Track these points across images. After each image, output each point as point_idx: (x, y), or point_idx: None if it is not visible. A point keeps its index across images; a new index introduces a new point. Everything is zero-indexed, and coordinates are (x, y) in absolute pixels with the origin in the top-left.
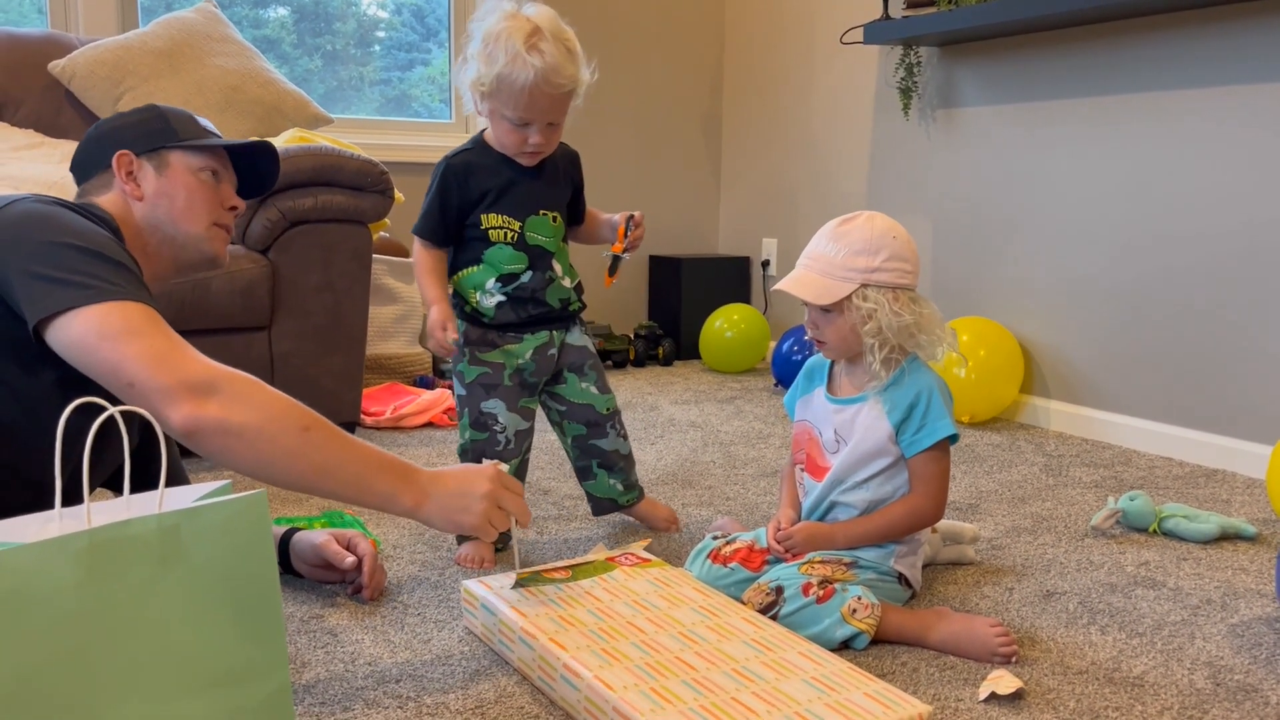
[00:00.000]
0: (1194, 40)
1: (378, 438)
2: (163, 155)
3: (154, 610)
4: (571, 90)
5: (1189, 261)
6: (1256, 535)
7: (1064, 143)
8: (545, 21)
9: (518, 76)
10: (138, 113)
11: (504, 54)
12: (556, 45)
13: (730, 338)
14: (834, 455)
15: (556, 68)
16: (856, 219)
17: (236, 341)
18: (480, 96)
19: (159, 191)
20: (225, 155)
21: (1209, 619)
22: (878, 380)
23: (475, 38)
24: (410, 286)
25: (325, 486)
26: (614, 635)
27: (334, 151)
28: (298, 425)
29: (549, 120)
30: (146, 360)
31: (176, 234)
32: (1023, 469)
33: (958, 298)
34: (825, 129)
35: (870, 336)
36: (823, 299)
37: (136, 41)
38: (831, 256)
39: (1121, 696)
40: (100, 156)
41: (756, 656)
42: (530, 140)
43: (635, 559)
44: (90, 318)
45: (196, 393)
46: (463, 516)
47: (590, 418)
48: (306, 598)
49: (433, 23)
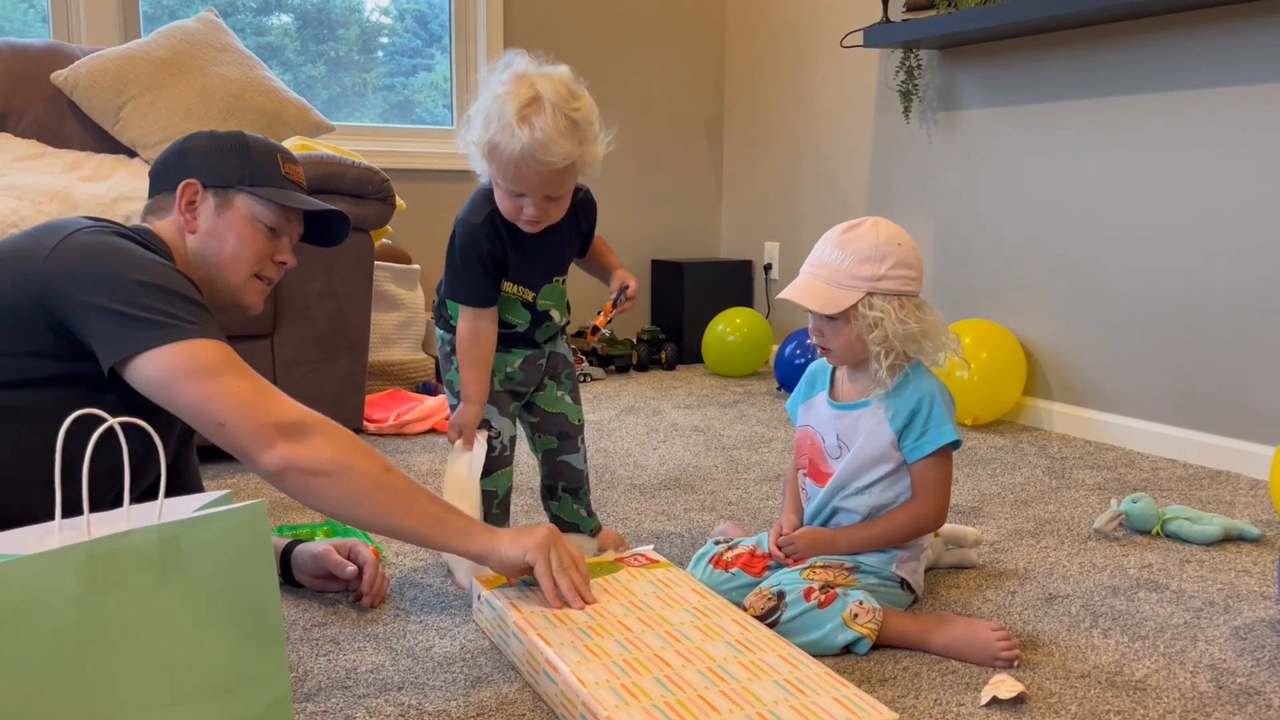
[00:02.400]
0: (1194, 41)
1: (381, 444)
2: (229, 195)
3: (154, 620)
4: (568, 166)
5: (1191, 263)
6: (1260, 537)
7: (1065, 144)
8: (551, 90)
9: (506, 147)
10: (225, 139)
11: (496, 120)
12: (555, 118)
13: (733, 341)
14: (836, 461)
15: (545, 144)
16: (861, 225)
17: (240, 349)
18: (478, 160)
19: (212, 231)
20: (295, 210)
21: (1212, 621)
22: (881, 386)
23: (482, 94)
24: (412, 293)
25: (406, 522)
26: (600, 633)
27: (335, 159)
28: (381, 465)
29: (544, 194)
30: (237, 401)
31: (216, 277)
32: (1025, 471)
33: (960, 300)
34: (826, 132)
35: (876, 344)
36: (828, 308)
37: (138, 51)
38: (836, 264)
39: (1124, 700)
40: (174, 174)
41: (735, 657)
42: (525, 211)
43: (643, 559)
44: (172, 357)
45: (289, 435)
46: (528, 541)
47: (563, 428)
48: (308, 606)
49: (436, 28)
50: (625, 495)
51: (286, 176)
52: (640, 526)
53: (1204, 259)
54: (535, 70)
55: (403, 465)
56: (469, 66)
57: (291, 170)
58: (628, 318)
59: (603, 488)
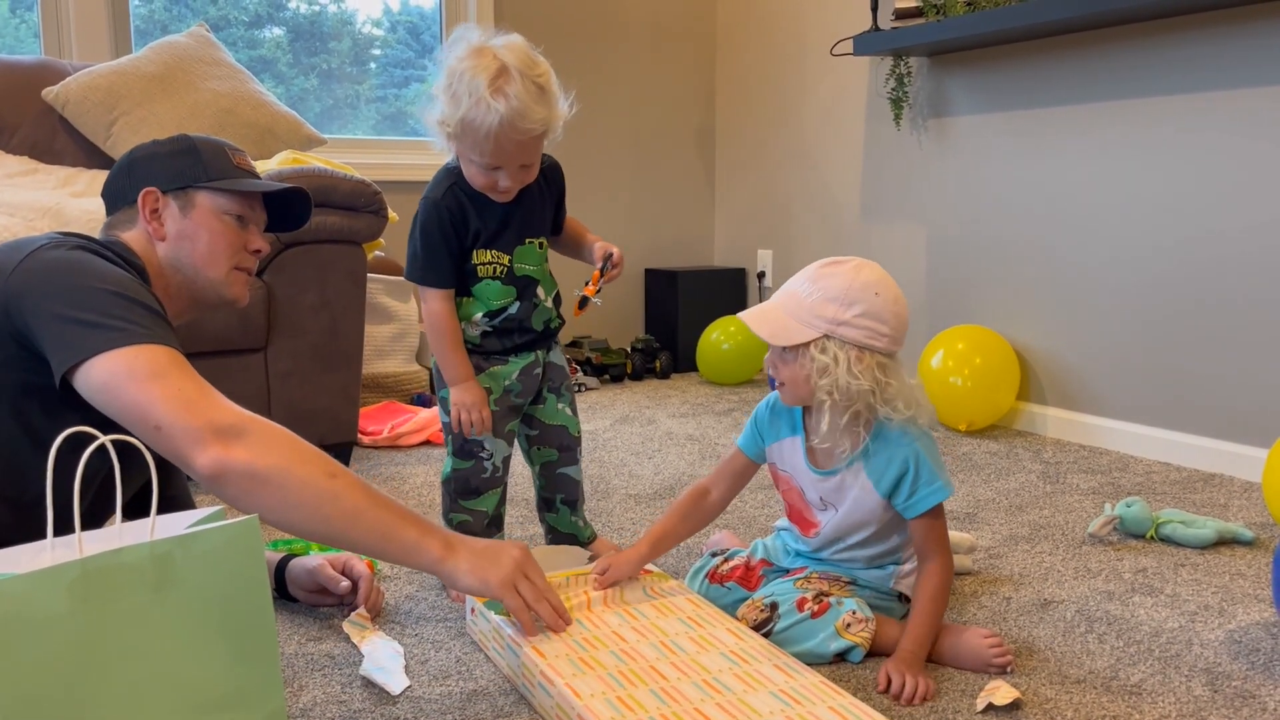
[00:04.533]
0: (1181, 46)
1: (375, 456)
2: (190, 195)
3: (148, 637)
4: (543, 132)
5: (1183, 266)
6: (1254, 540)
7: (1055, 150)
8: (514, 58)
9: (482, 121)
10: (171, 144)
11: (468, 96)
12: (525, 85)
13: (727, 350)
14: (823, 513)
15: (523, 111)
16: (843, 264)
17: (233, 363)
18: (446, 137)
19: (181, 233)
20: (255, 196)
21: (1206, 625)
22: (844, 449)
23: (440, 73)
24: (406, 305)
25: (351, 535)
26: (595, 644)
27: (327, 173)
28: (324, 472)
29: (520, 163)
30: (173, 403)
31: (197, 277)
32: (1020, 477)
33: (953, 306)
34: (818, 140)
35: (823, 393)
36: (777, 339)
37: (129, 67)
38: (803, 298)
39: (1119, 705)
40: (129, 189)
41: (730, 668)
42: (501, 184)
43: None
44: (117, 361)
45: (223, 436)
46: (490, 574)
47: (564, 441)
48: (304, 621)
49: (428, 39)
50: (621, 505)
51: (238, 167)
52: (636, 536)
53: (1194, 262)
54: (492, 41)
55: (397, 478)
56: None
57: (241, 160)
58: (623, 329)
59: (598, 498)
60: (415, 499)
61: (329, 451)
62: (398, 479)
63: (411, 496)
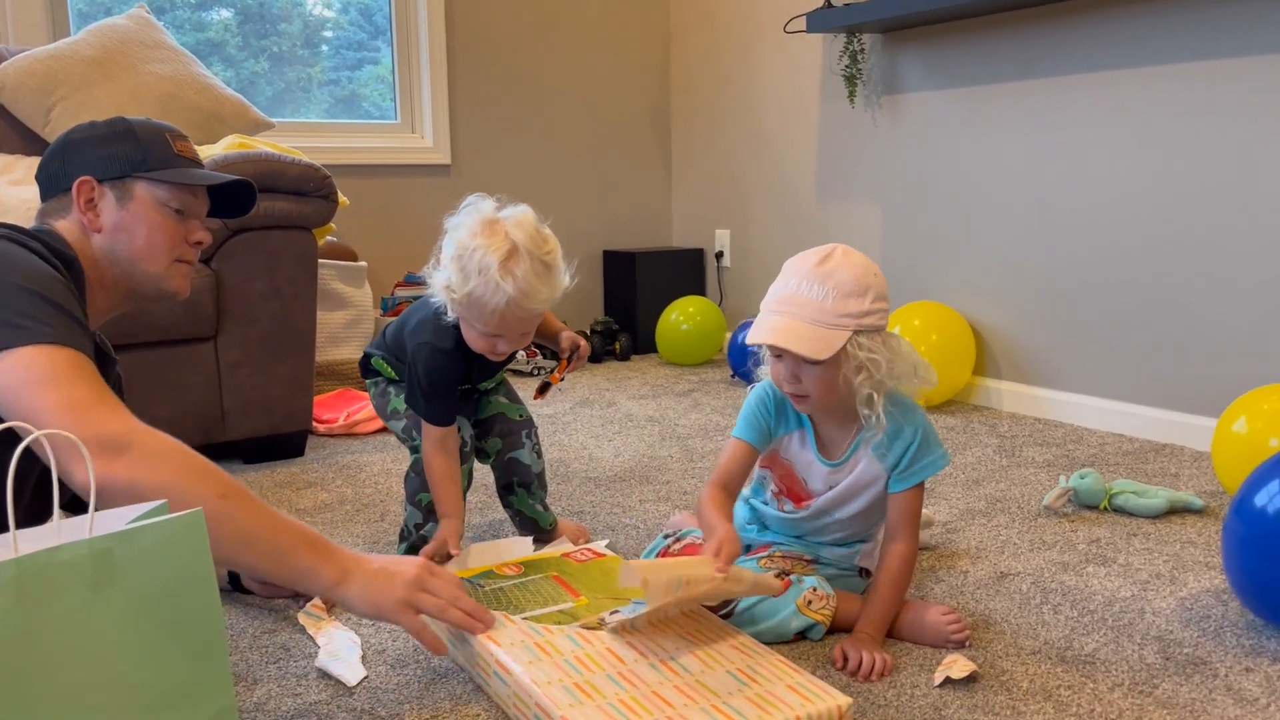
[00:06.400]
0: (1131, 21)
1: (331, 445)
2: (127, 185)
3: (91, 635)
4: (545, 308)
5: (1131, 240)
6: (1204, 508)
7: (1006, 125)
8: (525, 237)
9: (490, 299)
10: (107, 127)
11: (477, 274)
12: (533, 265)
13: (686, 330)
14: (820, 494)
15: (529, 293)
16: (832, 254)
17: (182, 353)
18: (451, 302)
19: (118, 225)
20: (199, 185)
21: (1158, 593)
22: (874, 431)
23: (449, 242)
24: (360, 291)
25: (241, 557)
26: (550, 630)
27: (274, 157)
28: (214, 492)
29: (520, 332)
30: (61, 411)
31: (134, 270)
32: (977, 451)
33: (908, 282)
34: (773, 118)
35: (867, 387)
36: (821, 353)
37: (68, 50)
38: (819, 301)
39: (1073, 675)
40: (63, 175)
41: (688, 648)
42: (499, 348)
43: (591, 554)
44: (14, 361)
45: (106, 450)
46: (382, 599)
47: (505, 427)
48: (258, 614)
49: (381, 21)
50: (581, 488)
51: (180, 154)
52: (596, 519)
53: (1144, 237)
54: (502, 214)
55: (354, 466)
56: (411, 58)
57: (183, 147)
58: (582, 311)
59: (558, 481)
60: (373, 487)
61: (284, 441)
62: (354, 467)
63: (369, 485)
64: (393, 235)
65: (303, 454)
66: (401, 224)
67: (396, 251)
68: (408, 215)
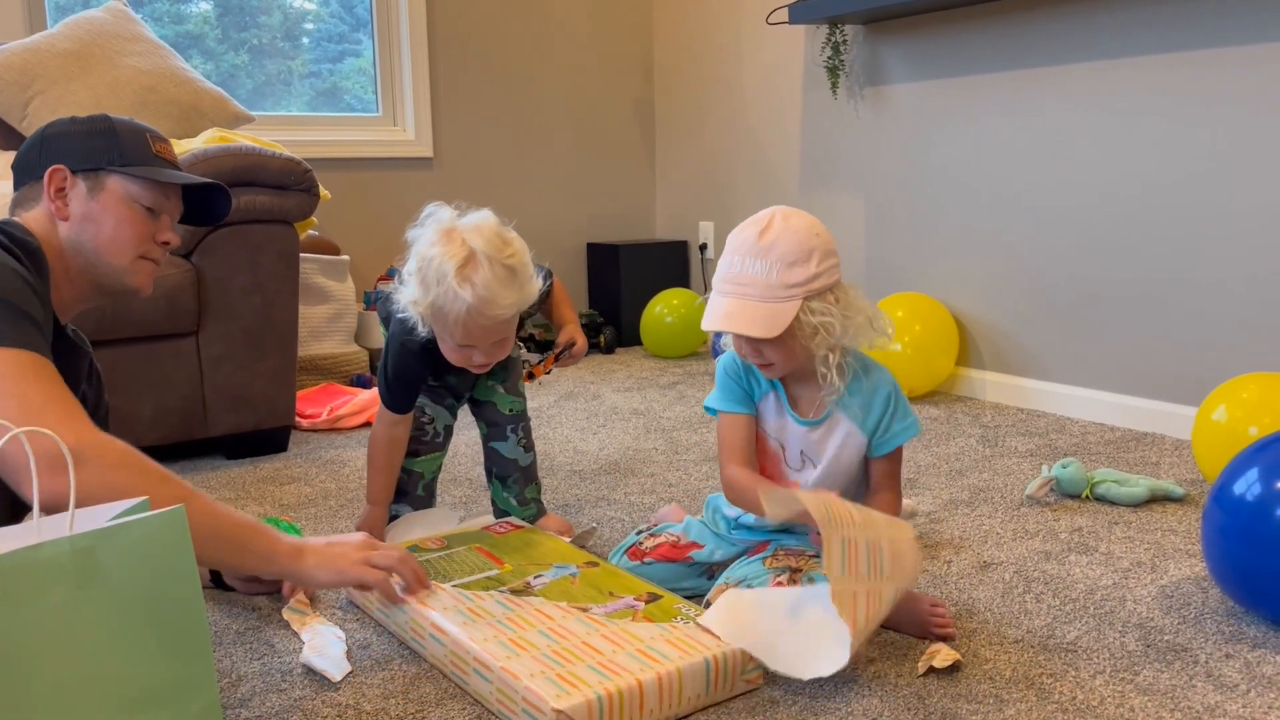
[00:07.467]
0: (1115, 13)
1: (314, 440)
2: (100, 177)
3: (72, 634)
4: (515, 313)
5: (1114, 231)
6: (1184, 496)
7: (989, 117)
8: (483, 242)
9: (451, 307)
10: (88, 123)
11: (436, 283)
12: (493, 270)
13: (671, 323)
14: (798, 474)
15: (490, 299)
16: (771, 224)
17: (163, 349)
18: (421, 317)
19: (86, 215)
20: (171, 186)
21: (1140, 581)
22: (835, 392)
23: (411, 255)
24: (342, 285)
25: (206, 553)
26: (480, 596)
27: (255, 151)
28: (171, 498)
29: (492, 341)
30: (13, 420)
31: (99, 262)
32: (960, 441)
33: (891, 273)
34: (756, 110)
35: (822, 349)
36: (772, 330)
37: (44, 43)
38: (764, 277)
39: (1056, 663)
40: (37, 165)
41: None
42: (475, 360)
43: (510, 526)
44: None
45: (58, 463)
46: (341, 562)
47: (491, 417)
48: (241, 610)
49: (362, 12)
50: (566, 481)
51: (158, 155)
52: (581, 512)
53: (1126, 228)
54: (460, 222)
55: (337, 461)
56: (393, 51)
57: (162, 149)
58: None
59: (543, 474)
60: (356, 482)
61: (267, 436)
62: (337, 462)
63: (352, 480)
64: (375, 229)
65: (286, 449)
66: (384, 217)
67: (379, 245)
68: (390, 208)
